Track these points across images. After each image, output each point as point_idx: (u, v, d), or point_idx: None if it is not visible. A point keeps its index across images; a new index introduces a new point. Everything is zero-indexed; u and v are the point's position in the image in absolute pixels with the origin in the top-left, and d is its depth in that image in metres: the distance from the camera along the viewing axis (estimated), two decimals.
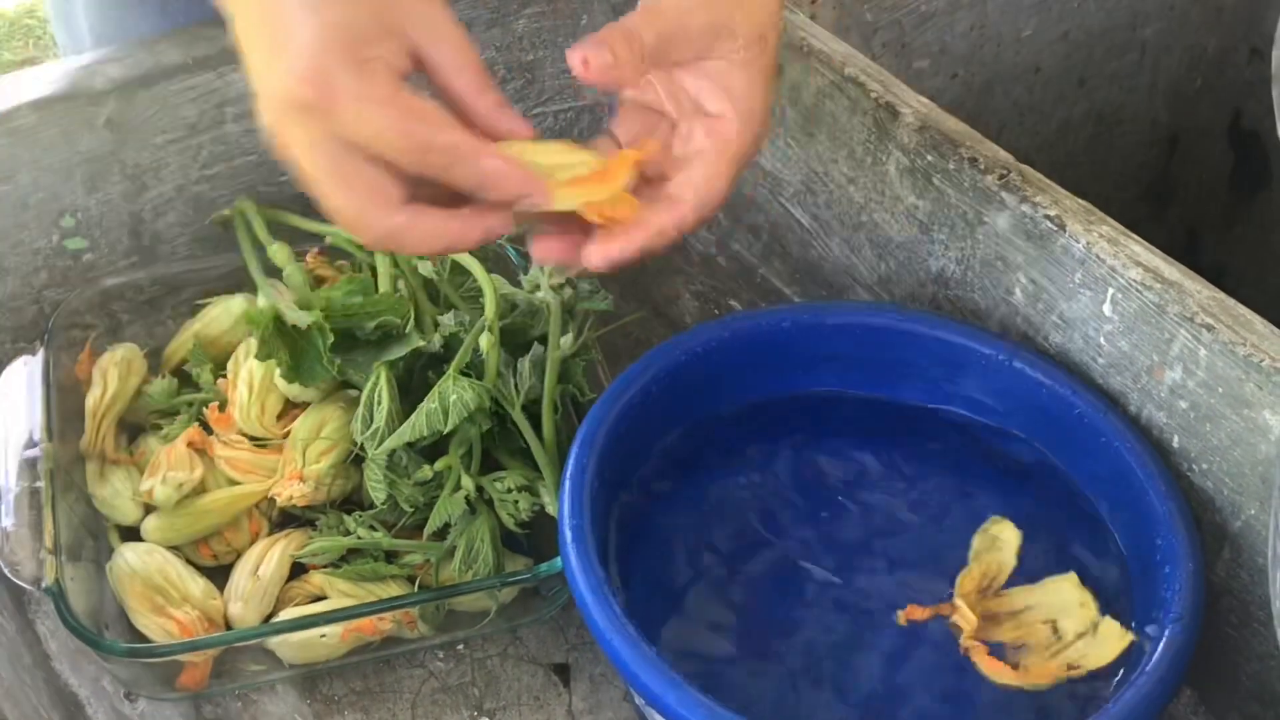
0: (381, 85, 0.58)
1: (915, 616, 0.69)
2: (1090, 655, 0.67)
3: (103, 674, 0.75)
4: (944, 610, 0.69)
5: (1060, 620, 0.69)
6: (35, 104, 0.84)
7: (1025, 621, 0.69)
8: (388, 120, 0.58)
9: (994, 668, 0.67)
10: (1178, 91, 1.32)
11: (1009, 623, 0.69)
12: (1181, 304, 0.69)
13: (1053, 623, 0.69)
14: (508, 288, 0.83)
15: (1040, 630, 0.69)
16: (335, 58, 0.57)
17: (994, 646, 0.68)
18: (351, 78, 0.57)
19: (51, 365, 0.80)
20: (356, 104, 0.57)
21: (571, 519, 0.66)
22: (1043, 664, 0.67)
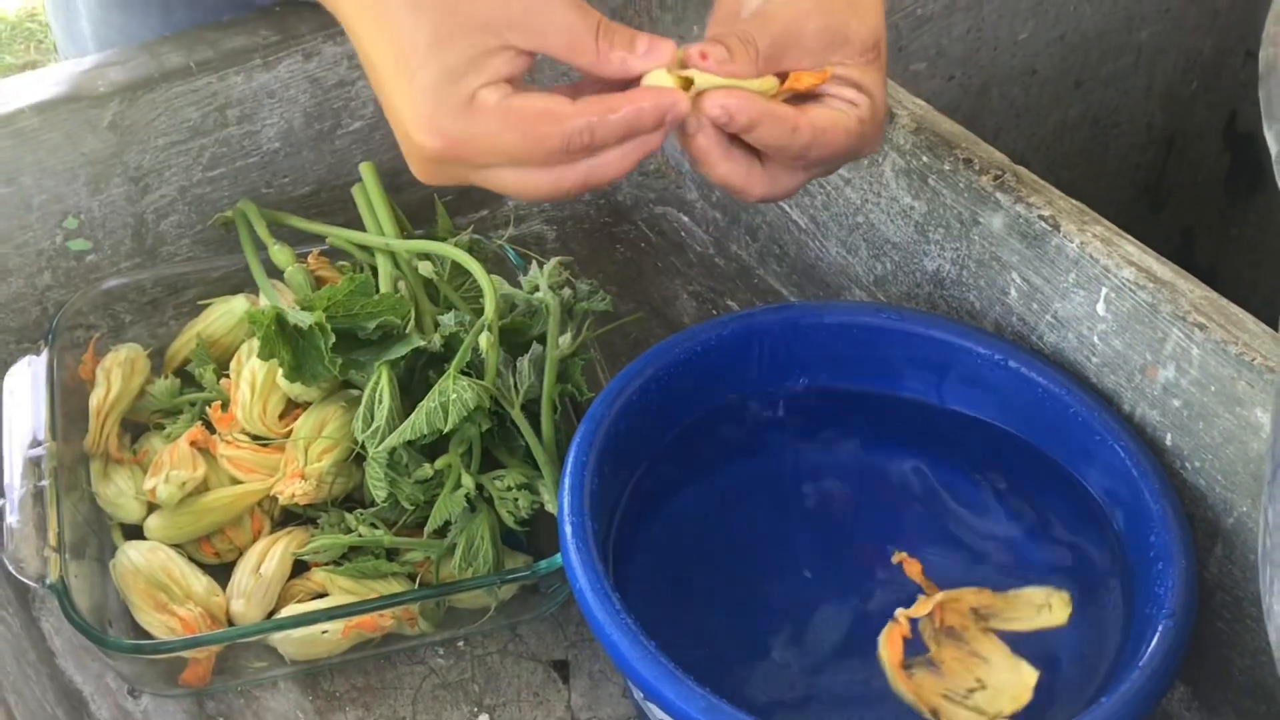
0: (490, 116, 0.60)
1: (908, 570, 0.70)
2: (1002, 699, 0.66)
3: (106, 671, 0.75)
4: (927, 593, 0.69)
5: (988, 688, 0.66)
6: (38, 106, 0.85)
7: (964, 661, 0.67)
8: (514, 141, 0.60)
9: (893, 657, 0.67)
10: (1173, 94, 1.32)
11: (952, 648, 0.68)
12: (1174, 303, 0.70)
13: (981, 682, 0.67)
14: (507, 288, 0.84)
15: (965, 678, 0.67)
16: (444, 109, 0.60)
17: (916, 644, 0.68)
18: (462, 124, 0.60)
19: (55, 365, 0.80)
20: (478, 144, 0.60)
21: (571, 516, 0.67)
22: (936, 697, 0.66)
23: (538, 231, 1.02)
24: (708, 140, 0.65)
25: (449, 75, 0.60)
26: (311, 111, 0.93)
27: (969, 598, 0.69)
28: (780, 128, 0.64)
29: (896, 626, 0.68)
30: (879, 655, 0.67)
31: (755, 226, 0.99)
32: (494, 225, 1.02)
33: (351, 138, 0.96)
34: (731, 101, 0.63)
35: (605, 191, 1.06)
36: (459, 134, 0.60)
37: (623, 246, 1.01)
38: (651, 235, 1.03)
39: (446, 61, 0.60)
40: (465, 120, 0.60)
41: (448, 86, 0.60)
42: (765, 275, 0.99)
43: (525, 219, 1.03)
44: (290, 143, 0.93)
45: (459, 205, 1.02)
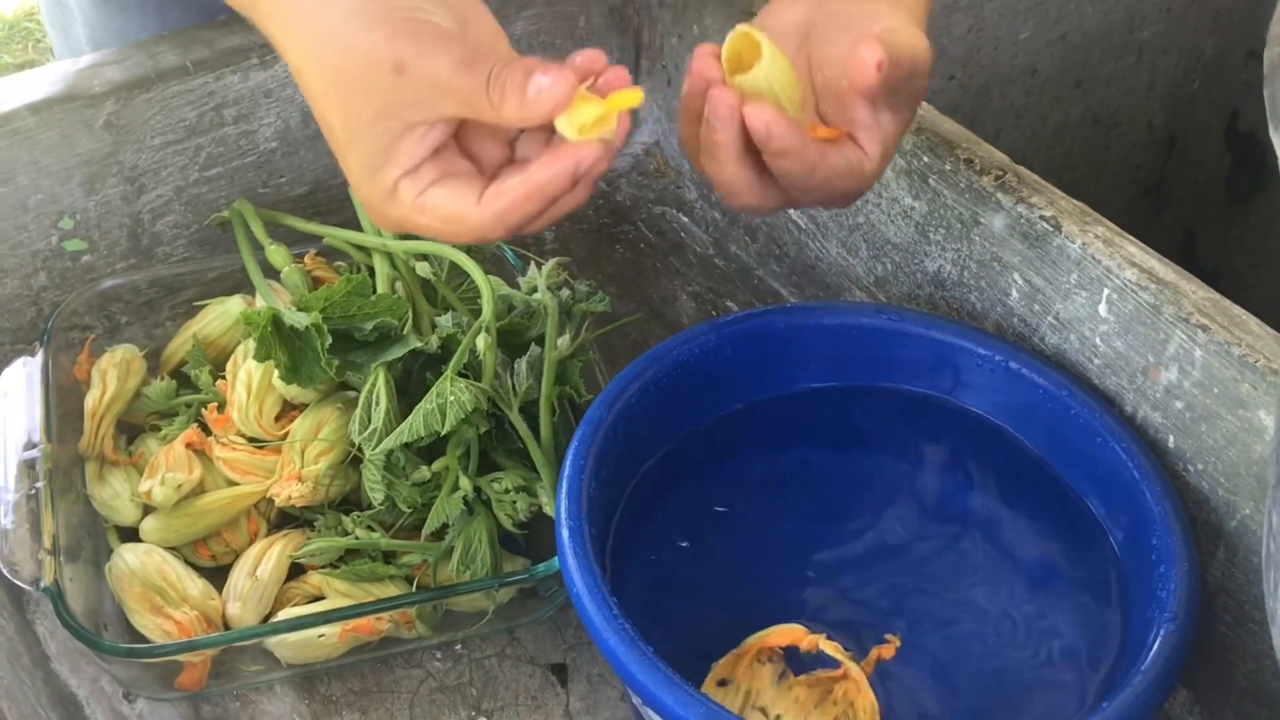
0: (410, 210, 0.62)
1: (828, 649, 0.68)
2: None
3: (101, 674, 0.75)
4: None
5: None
6: (34, 106, 0.85)
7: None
8: (437, 231, 0.63)
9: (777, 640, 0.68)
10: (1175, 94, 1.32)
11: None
12: (1177, 305, 0.69)
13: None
14: (505, 289, 0.83)
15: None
16: (375, 198, 0.63)
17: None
18: (390, 210, 0.63)
19: (50, 366, 0.80)
20: (408, 226, 0.63)
21: (569, 519, 0.66)
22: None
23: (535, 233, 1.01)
24: (727, 139, 0.65)
25: (368, 168, 0.62)
26: (308, 111, 0.93)
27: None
28: (802, 165, 0.65)
29: (809, 638, 0.68)
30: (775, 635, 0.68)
31: (755, 227, 0.98)
32: None
33: None
34: (777, 126, 0.63)
35: (604, 191, 1.06)
36: (392, 218, 0.63)
37: (622, 247, 1.01)
38: (651, 236, 1.02)
39: (361, 156, 0.62)
40: (392, 208, 0.63)
41: (369, 178, 0.62)
42: (765, 276, 0.98)
43: None
44: (287, 142, 0.93)
45: None
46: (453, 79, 0.60)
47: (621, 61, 1.05)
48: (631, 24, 1.04)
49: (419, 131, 0.61)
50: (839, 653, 0.67)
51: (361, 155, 0.62)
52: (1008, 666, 0.68)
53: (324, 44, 0.61)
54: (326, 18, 0.61)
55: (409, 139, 0.61)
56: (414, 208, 0.62)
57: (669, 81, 1.04)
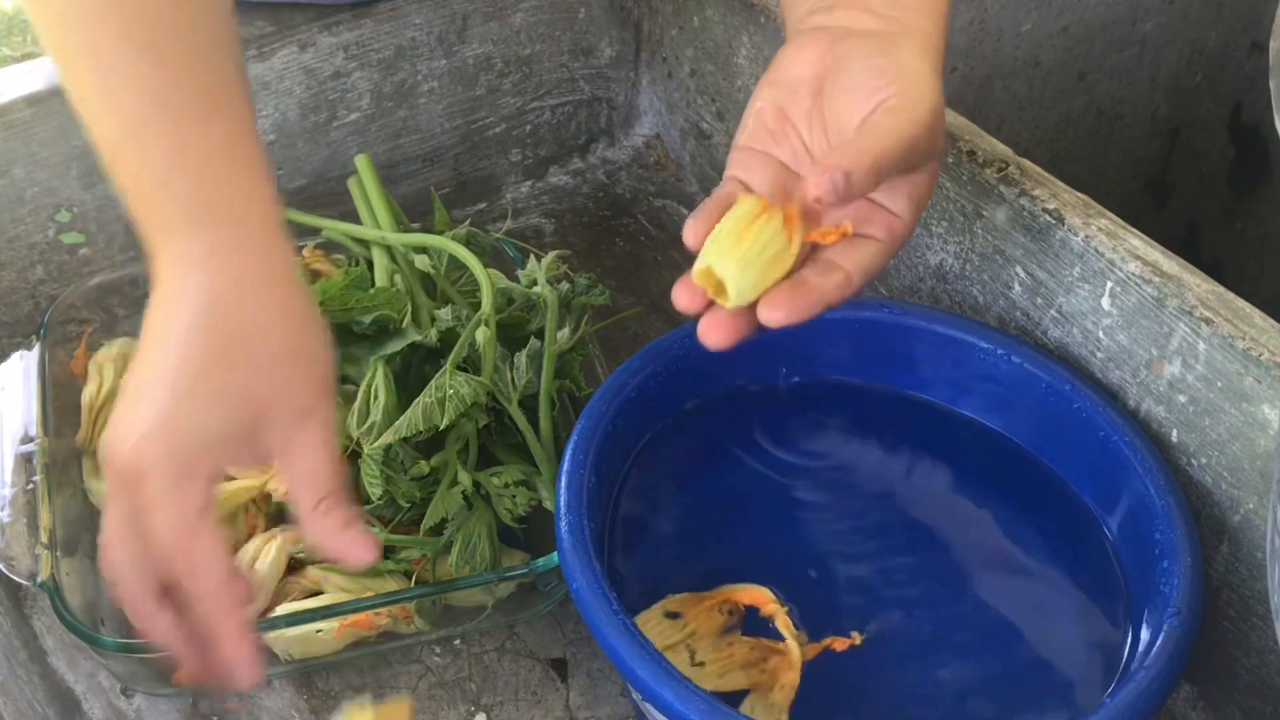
0: (188, 503, 0.58)
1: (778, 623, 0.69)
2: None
3: (99, 670, 0.75)
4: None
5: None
6: (31, 98, 0.84)
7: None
8: (174, 533, 0.58)
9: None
10: (1178, 86, 1.31)
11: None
12: (1180, 298, 0.69)
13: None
14: (505, 282, 0.83)
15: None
16: (168, 455, 0.58)
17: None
18: (169, 483, 0.58)
19: (47, 360, 0.80)
20: (159, 505, 0.58)
21: (568, 514, 0.66)
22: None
23: (536, 225, 1.01)
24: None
25: (198, 436, 0.59)
26: (307, 103, 0.92)
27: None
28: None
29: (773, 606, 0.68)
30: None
31: None
32: (491, 218, 1.01)
33: (347, 130, 0.95)
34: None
35: (604, 184, 1.05)
36: (154, 483, 0.58)
37: (622, 240, 1.01)
38: (651, 228, 1.02)
39: (207, 422, 0.59)
40: (170, 483, 0.58)
41: (191, 446, 0.59)
42: None
43: (523, 212, 1.02)
44: (285, 134, 0.93)
45: (456, 198, 1.01)
46: (319, 454, 0.61)
47: (621, 54, 1.05)
48: (632, 16, 1.03)
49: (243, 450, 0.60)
50: (788, 629, 0.67)
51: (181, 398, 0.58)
52: (1009, 661, 0.68)
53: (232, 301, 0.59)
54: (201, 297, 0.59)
55: (212, 459, 0.59)
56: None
57: (669, 74, 1.04)
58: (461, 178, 1.01)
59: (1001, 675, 0.68)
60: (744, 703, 0.66)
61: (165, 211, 0.60)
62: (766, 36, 0.90)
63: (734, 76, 0.93)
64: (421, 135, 0.98)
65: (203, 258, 0.59)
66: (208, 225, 0.60)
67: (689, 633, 0.68)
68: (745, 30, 0.91)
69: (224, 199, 0.60)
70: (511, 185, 1.04)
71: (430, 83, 0.96)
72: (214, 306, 0.59)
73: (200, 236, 0.60)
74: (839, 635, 0.68)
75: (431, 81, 0.96)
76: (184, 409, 0.58)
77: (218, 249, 0.60)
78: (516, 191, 1.03)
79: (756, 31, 0.90)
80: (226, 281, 0.60)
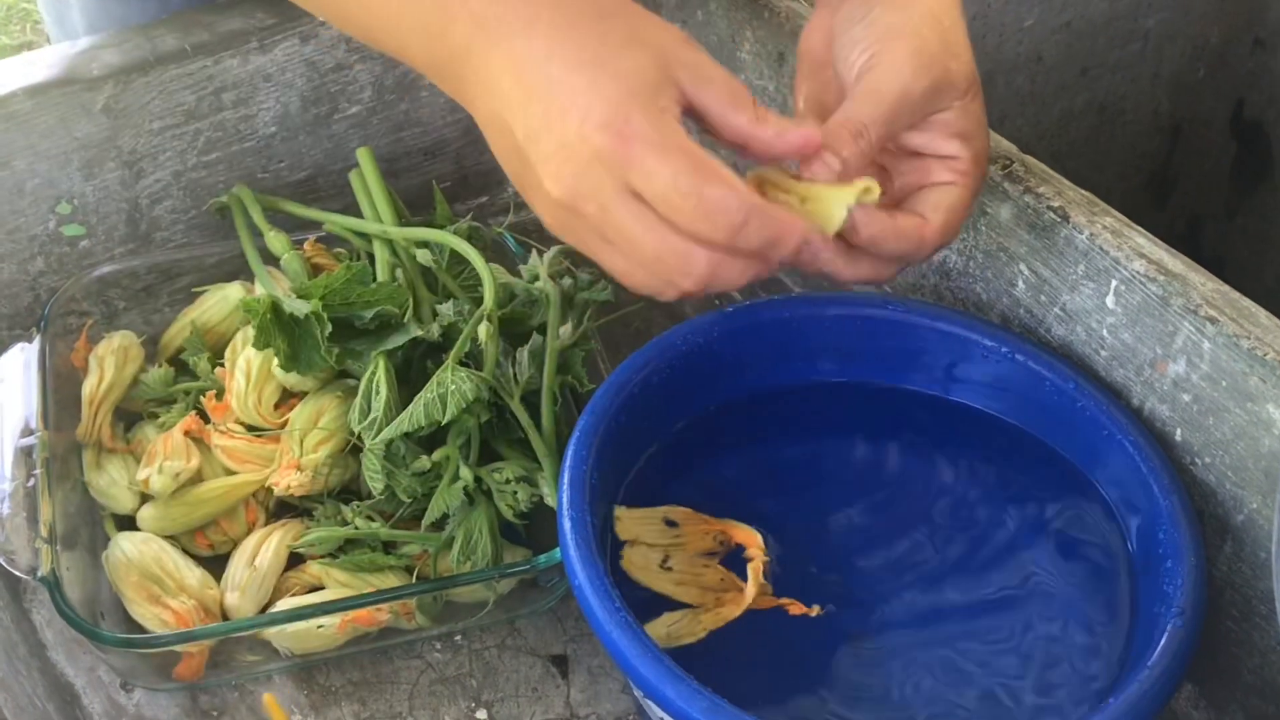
0: (677, 134, 0.58)
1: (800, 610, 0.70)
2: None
3: (99, 664, 0.74)
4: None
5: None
6: (31, 89, 0.84)
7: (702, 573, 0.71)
8: (686, 182, 0.58)
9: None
10: (1180, 81, 1.31)
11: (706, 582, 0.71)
12: (1185, 296, 0.69)
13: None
14: (506, 277, 0.83)
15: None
16: (637, 104, 0.58)
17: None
18: (651, 125, 0.58)
19: (48, 353, 0.79)
20: (654, 152, 0.58)
21: (571, 510, 0.66)
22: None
23: (537, 219, 1.01)
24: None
25: (644, 79, 0.58)
26: (308, 95, 0.92)
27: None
28: (906, 243, 0.64)
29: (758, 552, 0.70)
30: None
31: None
32: (493, 212, 1.00)
33: (349, 122, 0.94)
34: (857, 218, 0.63)
35: None
36: (644, 131, 0.58)
37: None
38: None
39: (641, 65, 0.59)
40: (654, 121, 0.58)
41: (643, 87, 0.58)
42: None
43: (525, 206, 1.01)
44: (286, 127, 0.92)
45: (458, 192, 1.01)
46: (731, 76, 0.61)
47: None
48: None
49: (678, 95, 0.60)
50: (756, 575, 0.68)
51: (642, 67, 0.58)
52: (1012, 661, 0.68)
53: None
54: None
55: (673, 89, 0.59)
56: (683, 139, 0.58)
57: None
58: (463, 171, 1.01)
59: (1002, 673, 0.67)
60: (678, 613, 0.68)
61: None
62: (770, 31, 0.89)
63: (737, 71, 0.93)
64: (423, 128, 0.98)
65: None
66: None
67: (676, 541, 0.70)
68: (749, 25, 0.91)
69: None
70: None
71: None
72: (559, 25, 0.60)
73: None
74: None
75: None
76: (609, 73, 0.58)
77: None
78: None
79: (760, 26, 0.90)
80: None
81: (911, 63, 0.65)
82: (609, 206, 0.59)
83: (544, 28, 0.60)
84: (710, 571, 0.70)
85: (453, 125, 0.99)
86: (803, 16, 0.88)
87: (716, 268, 0.60)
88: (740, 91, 0.61)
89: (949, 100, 0.66)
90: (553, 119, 0.59)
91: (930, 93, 0.65)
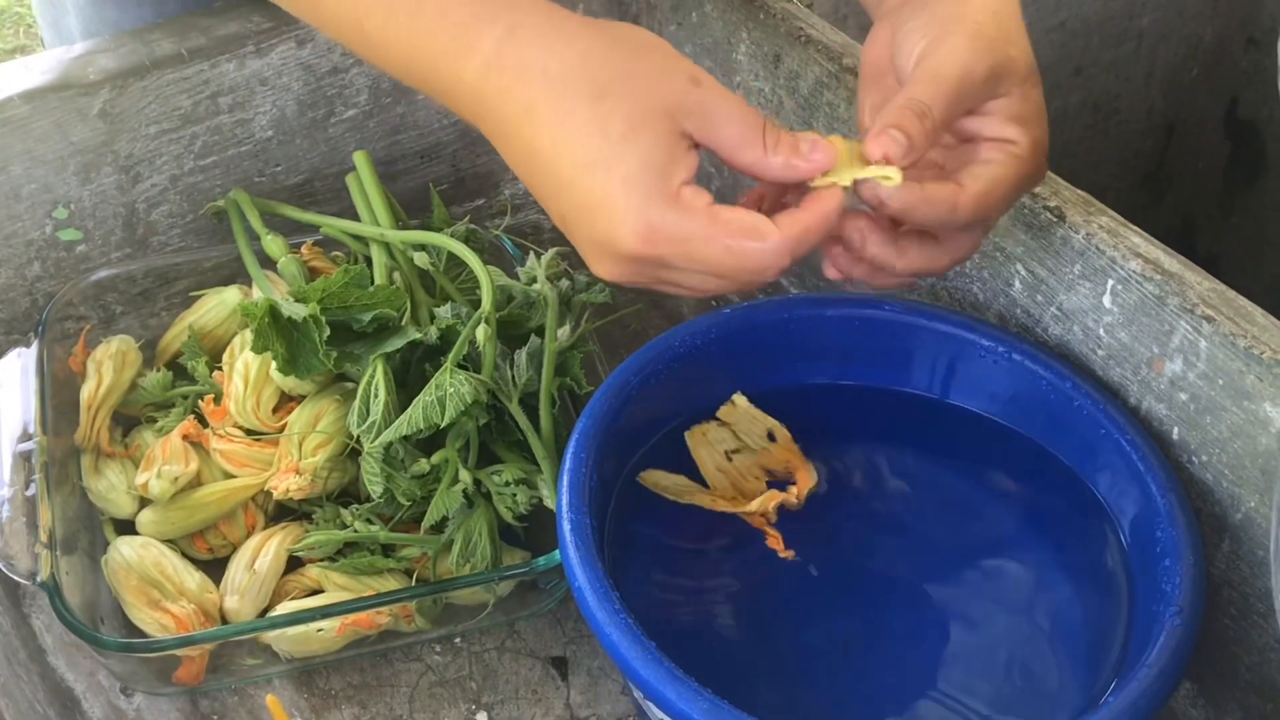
0: (698, 219, 0.60)
1: (776, 544, 0.72)
2: (754, 426, 0.76)
3: (98, 669, 0.74)
4: (759, 519, 0.73)
5: (737, 444, 0.76)
6: (27, 94, 0.84)
7: (747, 470, 0.75)
8: (718, 254, 0.60)
9: (803, 483, 0.74)
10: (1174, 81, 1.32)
11: (751, 481, 0.74)
12: (1182, 295, 0.69)
13: (741, 448, 0.75)
14: (504, 279, 0.83)
15: (752, 456, 0.75)
16: (654, 205, 0.59)
17: (780, 485, 0.74)
18: (674, 220, 0.59)
19: (45, 358, 0.79)
20: (684, 246, 0.59)
21: (570, 512, 0.66)
22: (780, 457, 0.75)
23: (535, 221, 1.01)
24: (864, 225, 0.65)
25: (652, 168, 0.59)
26: (305, 99, 0.92)
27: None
28: (938, 209, 0.64)
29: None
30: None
31: None
32: (490, 215, 1.00)
33: (345, 126, 0.94)
34: (883, 192, 0.63)
35: None
36: (668, 230, 0.59)
37: None
38: None
39: (645, 153, 0.59)
40: (675, 216, 0.59)
41: (654, 178, 0.59)
42: None
43: (522, 208, 1.02)
44: (283, 131, 0.92)
45: (455, 195, 1.01)
46: (740, 109, 0.61)
47: None
48: (630, 10, 1.03)
49: (689, 144, 0.60)
50: (769, 503, 0.72)
51: (646, 153, 0.59)
52: (1010, 659, 0.68)
53: (605, 47, 0.60)
54: (589, 31, 0.61)
55: (685, 145, 0.60)
56: (707, 214, 0.59)
57: None
58: (460, 174, 1.01)
59: (1001, 672, 0.68)
60: (685, 480, 0.72)
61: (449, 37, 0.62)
62: (765, 32, 0.90)
63: (733, 73, 0.93)
64: (420, 131, 0.98)
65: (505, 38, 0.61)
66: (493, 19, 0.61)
67: (754, 446, 0.74)
68: (744, 26, 0.91)
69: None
70: (510, 181, 1.03)
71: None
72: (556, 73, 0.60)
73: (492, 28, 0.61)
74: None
75: None
76: (618, 178, 0.59)
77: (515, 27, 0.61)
78: (515, 188, 1.03)
79: (756, 28, 0.90)
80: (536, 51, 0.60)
81: (970, 45, 0.65)
82: (661, 280, 0.62)
83: (544, 118, 0.60)
84: (753, 483, 0.73)
85: (449, 128, 0.99)
86: (798, 18, 0.88)
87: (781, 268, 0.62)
88: (748, 128, 0.61)
89: (1009, 86, 0.66)
90: (581, 220, 0.61)
91: (990, 76, 0.65)
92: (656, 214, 0.59)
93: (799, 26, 0.87)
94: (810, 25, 0.87)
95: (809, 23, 0.87)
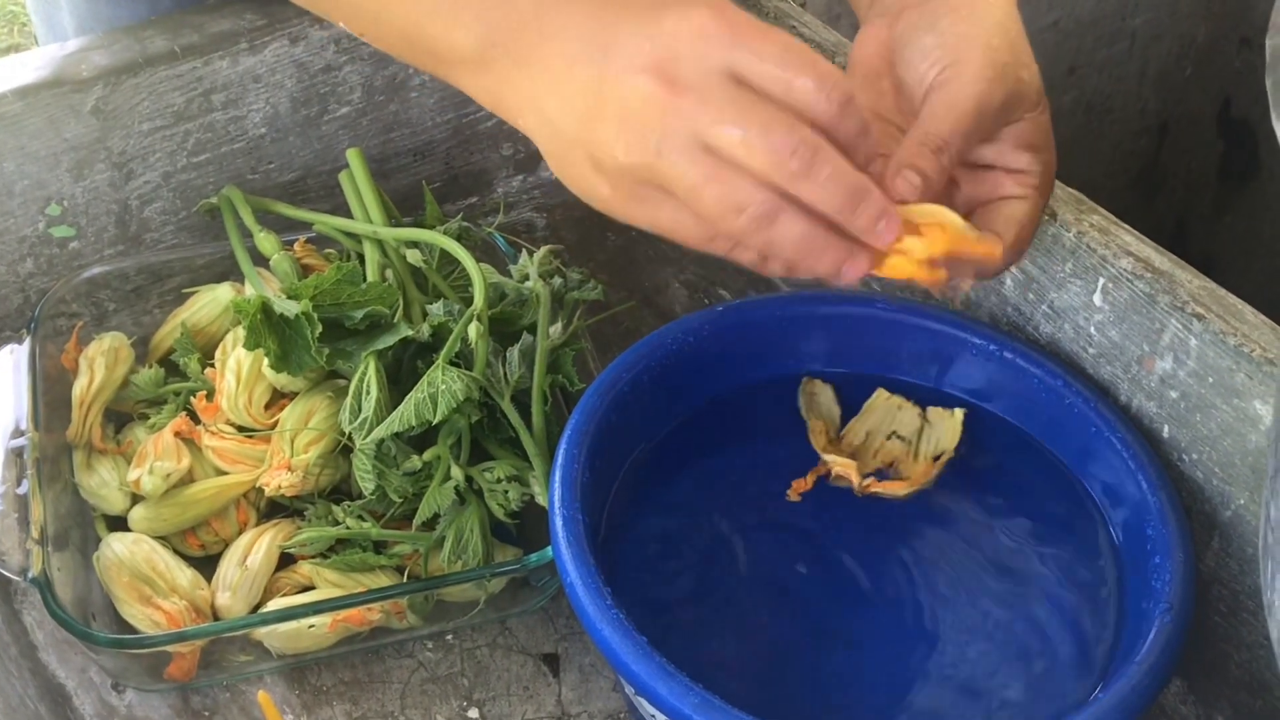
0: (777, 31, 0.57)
1: (803, 488, 0.74)
2: (943, 440, 0.75)
3: (90, 665, 0.74)
4: (822, 471, 0.74)
5: (898, 429, 0.76)
6: (20, 91, 0.84)
7: (875, 447, 0.75)
8: (789, 43, 0.56)
9: (893, 487, 0.73)
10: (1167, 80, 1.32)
11: (866, 455, 0.75)
12: (1172, 294, 0.69)
13: (894, 434, 0.76)
14: (497, 276, 0.83)
15: (893, 446, 0.75)
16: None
17: (878, 475, 0.74)
18: (743, 15, 0.56)
19: (38, 354, 0.79)
20: (759, 29, 0.56)
21: (561, 509, 0.66)
22: (916, 466, 0.75)
23: (527, 219, 1.01)
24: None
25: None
26: (298, 96, 0.92)
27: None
28: (981, 265, 0.63)
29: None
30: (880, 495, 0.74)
31: None
32: (483, 212, 1.01)
33: (338, 123, 0.94)
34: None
35: None
36: (744, 17, 0.56)
37: (614, 234, 1.00)
38: None
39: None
40: (749, 17, 0.57)
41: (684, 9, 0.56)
42: None
43: (515, 206, 1.02)
44: (276, 128, 0.92)
45: (448, 192, 1.01)
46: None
47: None
48: None
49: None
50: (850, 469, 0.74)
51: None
52: (1001, 657, 0.68)
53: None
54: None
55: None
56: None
57: None
58: (453, 172, 1.01)
59: (991, 669, 0.68)
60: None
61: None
62: None
63: None
64: (413, 129, 0.98)
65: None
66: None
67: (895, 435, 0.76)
68: None
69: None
70: (503, 179, 1.03)
71: (422, 76, 0.96)
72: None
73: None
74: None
75: (423, 75, 0.96)
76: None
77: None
78: (508, 186, 1.03)
79: None
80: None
81: (987, 74, 0.63)
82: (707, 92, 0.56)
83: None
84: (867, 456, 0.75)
85: (442, 126, 0.99)
86: (791, 16, 0.88)
87: (767, 242, 0.58)
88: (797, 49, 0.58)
89: (1021, 112, 0.65)
90: (646, 28, 0.57)
91: (1005, 105, 0.64)
92: (732, 7, 0.56)
93: (792, 25, 0.87)
94: (803, 24, 0.87)
95: (802, 21, 0.88)
